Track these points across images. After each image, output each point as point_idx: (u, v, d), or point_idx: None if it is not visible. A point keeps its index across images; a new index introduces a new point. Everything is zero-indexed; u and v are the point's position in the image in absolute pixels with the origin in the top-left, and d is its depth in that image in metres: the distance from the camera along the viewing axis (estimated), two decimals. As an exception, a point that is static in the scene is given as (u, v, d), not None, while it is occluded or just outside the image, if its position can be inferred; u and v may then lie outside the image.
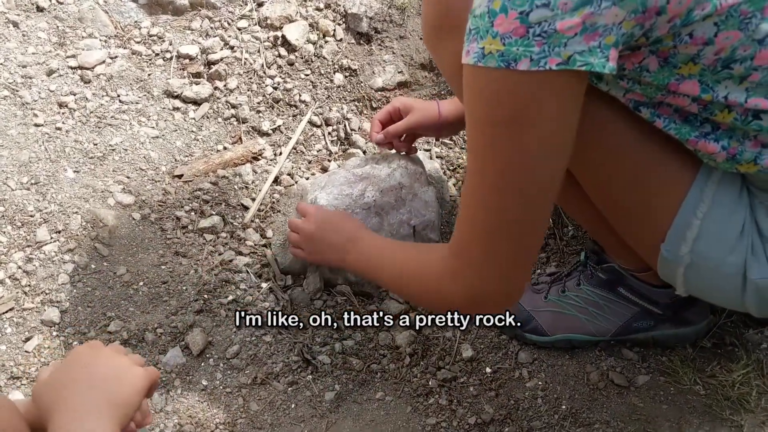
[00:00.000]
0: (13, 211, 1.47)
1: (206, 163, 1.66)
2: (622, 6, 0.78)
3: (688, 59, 0.87)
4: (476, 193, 0.93)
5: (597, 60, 0.79)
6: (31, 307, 1.35)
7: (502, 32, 0.80)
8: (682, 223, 1.02)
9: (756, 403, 1.24)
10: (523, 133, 0.85)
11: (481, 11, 0.82)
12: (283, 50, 1.85)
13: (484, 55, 0.82)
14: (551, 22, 0.78)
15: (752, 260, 1.02)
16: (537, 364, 1.34)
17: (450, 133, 1.53)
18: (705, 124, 0.96)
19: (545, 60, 0.79)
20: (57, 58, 1.75)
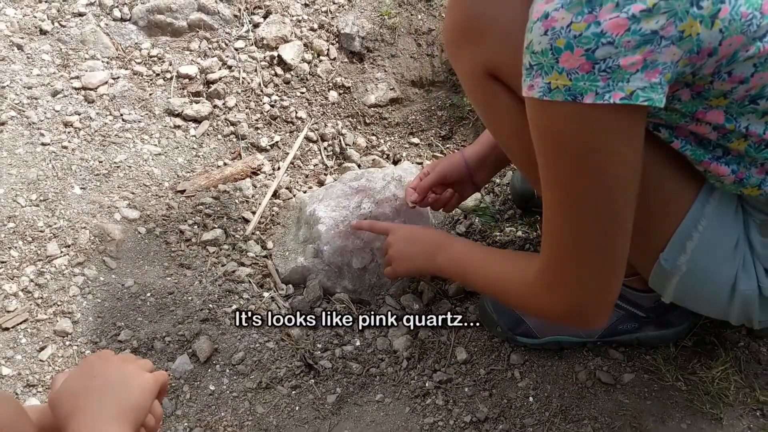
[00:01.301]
0: (24, 226, 1.52)
1: (207, 178, 1.72)
2: (679, 46, 0.84)
3: (720, 94, 0.93)
4: (560, 215, 0.98)
5: (657, 96, 0.85)
6: (44, 319, 1.40)
7: (569, 68, 0.85)
8: (684, 235, 1.09)
9: (734, 397, 1.32)
10: (593, 159, 0.91)
11: (543, 48, 0.86)
12: (279, 69, 1.92)
13: (551, 90, 0.87)
14: (615, 59, 0.83)
15: (742, 273, 1.10)
16: (528, 365, 1.41)
17: (485, 176, 1.51)
18: (717, 148, 1.03)
19: (610, 94, 0.85)
20: (61, 80, 1.82)
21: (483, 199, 1.74)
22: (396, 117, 1.92)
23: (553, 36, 0.85)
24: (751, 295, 1.13)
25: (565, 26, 0.84)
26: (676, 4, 0.81)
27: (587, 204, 0.94)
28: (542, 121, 0.92)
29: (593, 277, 1.01)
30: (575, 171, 0.92)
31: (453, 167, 1.49)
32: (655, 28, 0.82)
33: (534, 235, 1.65)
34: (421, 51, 1.95)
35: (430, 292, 1.55)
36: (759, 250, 1.12)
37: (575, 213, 0.96)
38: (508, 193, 1.75)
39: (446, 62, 1.93)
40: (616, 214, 0.95)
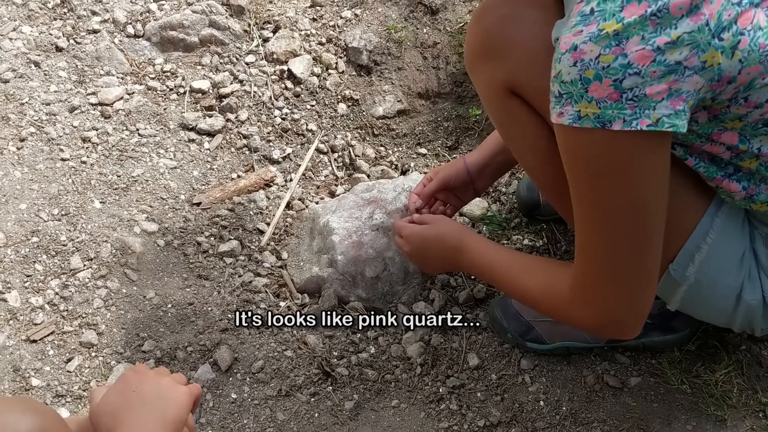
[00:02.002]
0: (47, 241, 1.57)
1: (222, 190, 1.77)
2: (702, 75, 0.89)
3: (735, 117, 0.99)
4: (592, 233, 1.03)
5: (680, 122, 0.91)
6: (70, 330, 1.45)
7: (598, 97, 0.90)
8: (693, 247, 1.15)
9: (737, 399, 1.37)
10: (623, 182, 0.96)
11: (572, 78, 0.91)
12: (290, 83, 1.97)
13: (580, 117, 0.93)
14: (642, 88, 0.88)
15: (748, 283, 1.16)
16: (538, 370, 1.46)
17: (485, 183, 1.57)
18: (729, 166, 1.08)
19: (637, 121, 0.90)
20: (78, 96, 1.87)
21: (489, 207, 1.79)
22: (403, 128, 1.97)
23: (582, 67, 0.90)
24: (755, 304, 1.18)
25: (593, 58, 0.89)
26: (699, 37, 0.86)
27: (619, 223, 0.99)
28: (572, 146, 0.98)
29: (628, 292, 1.06)
30: (606, 192, 0.98)
31: (456, 174, 1.54)
32: (679, 59, 0.87)
33: (540, 243, 1.70)
34: (427, 64, 2.01)
35: (441, 300, 1.60)
36: (764, 262, 1.17)
37: (608, 231, 1.01)
38: (514, 202, 1.80)
39: (451, 75, 1.98)
40: (647, 231, 1.00)
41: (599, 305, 1.08)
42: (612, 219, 0.99)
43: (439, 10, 2.02)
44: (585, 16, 0.90)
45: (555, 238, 1.71)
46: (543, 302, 1.19)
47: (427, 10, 2.03)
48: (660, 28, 0.86)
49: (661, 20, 0.86)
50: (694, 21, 0.86)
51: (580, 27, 0.90)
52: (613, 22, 0.87)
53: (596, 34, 0.88)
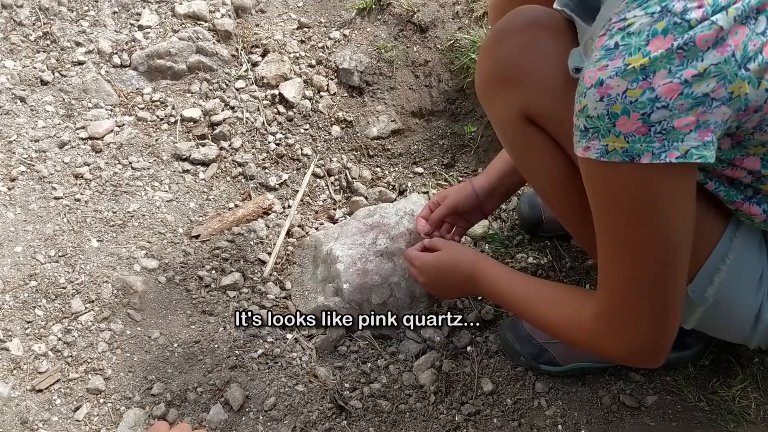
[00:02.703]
0: (46, 284, 1.54)
1: (220, 221, 1.74)
2: (729, 105, 0.89)
3: (759, 143, 0.99)
4: (618, 265, 1.02)
5: (709, 153, 0.90)
6: (76, 377, 1.42)
7: (626, 132, 0.89)
8: (711, 269, 1.14)
9: (756, 414, 1.37)
10: (650, 215, 0.95)
11: (599, 113, 0.90)
12: (282, 107, 1.95)
13: (608, 152, 0.92)
14: (670, 121, 0.88)
15: (767, 303, 1.15)
16: (553, 393, 1.46)
17: (493, 206, 1.56)
18: (748, 189, 1.08)
19: (665, 154, 0.89)
20: (67, 130, 1.83)
21: (491, 225, 1.78)
22: (399, 148, 1.96)
23: (609, 102, 0.89)
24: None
25: (620, 93, 0.88)
26: (726, 68, 0.86)
27: (646, 254, 0.99)
28: (600, 180, 0.97)
29: (653, 322, 1.05)
30: (633, 225, 0.97)
31: (464, 199, 1.53)
32: (706, 91, 0.87)
33: (545, 261, 1.70)
34: (419, 82, 1.99)
35: (449, 323, 1.59)
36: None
37: (634, 263, 1.00)
38: (515, 219, 1.79)
39: (444, 92, 1.97)
40: (674, 261, 1.00)
41: (626, 336, 1.07)
42: (639, 252, 0.99)
43: (428, 28, 2.01)
44: (610, 50, 0.89)
45: (559, 254, 1.70)
46: (566, 333, 1.18)
47: (416, 29, 2.02)
48: (687, 61, 0.85)
49: (687, 53, 0.85)
50: (720, 53, 0.85)
51: (605, 62, 0.89)
52: (639, 56, 0.87)
53: (623, 69, 0.88)
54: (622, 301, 1.05)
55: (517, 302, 1.27)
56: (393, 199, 1.85)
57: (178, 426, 1.00)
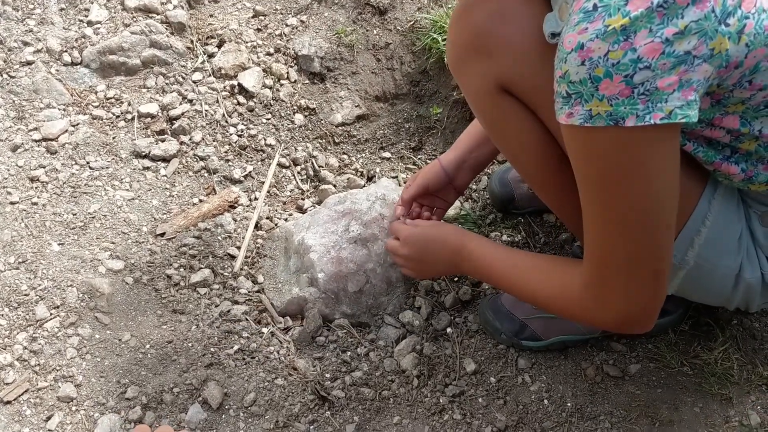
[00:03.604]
0: (8, 292, 1.47)
1: (185, 218, 1.69)
2: (711, 62, 0.87)
3: (738, 101, 0.97)
4: (606, 232, 1.00)
5: (692, 112, 0.89)
6: (45, 386, 1.36)
7: (609, 95, 0.87)
8: (692, 232, 1.13)
9: (739, 375, 1.37)
10: (636, 178, 0.93)
11: (581, 78, 0.89)
12: (242, 98, 1.90)
13: (592, 116, 0.90)
14: (653, 81, 0.86)
15: (747, 263, 1.15)
16: (537, 368, 1.44)
17: (464, 180, 1.52)
18: (726, 148, 1.07)
19: (650, 116, 0.87)
20: (19, 133, 1.76)
21: (463, 206, 1.76)
22: (364, 133, 1.92)
23: (591, 66, 0.87)
24: (755, 282, 1.18)
25: (602, 55, 0.86)
26: (706, 24, 0.85)
27: (634, 219, 0.97)
28: (584, 146, 0.95)
29: (642, 287, 1.03)
30: (620, 190, 0.95)
31: (433, 176, 1.50)
32: (688, 49, 0.85)
33: (518, 238, 1.68)
34: (381, 66, 1.96)
35: (427, 306, 1.56)
36: (761, 240, 1.17)
37: (622, 229, 0.98)
38: (486, 198, 1.77)
39: (407, 74, 1.94)
40: (662, 224, 0.98)
41: (613, 303, 1.06)
42: (627, 217, 0.97)
43: (387, 10, 1.98)
44: (588, 12, 0.87)
45: (533, 231, 1.69)
46: (557, 305, 1.16)
47: (375, 11, 1.98)
48: (667, 18, 0.84)
49: (667, 11, 0.84)
50: (700, 9, 0.84)
51: (585, 24, 0.87)
52: (619, 17, 0.85)
53: (603, 31, 0.86)
54: (610, 269, 1.03)
55: (504, 274, 1.25)
56: (362, 185, 1.82)
57: (159, 429, 0.96)
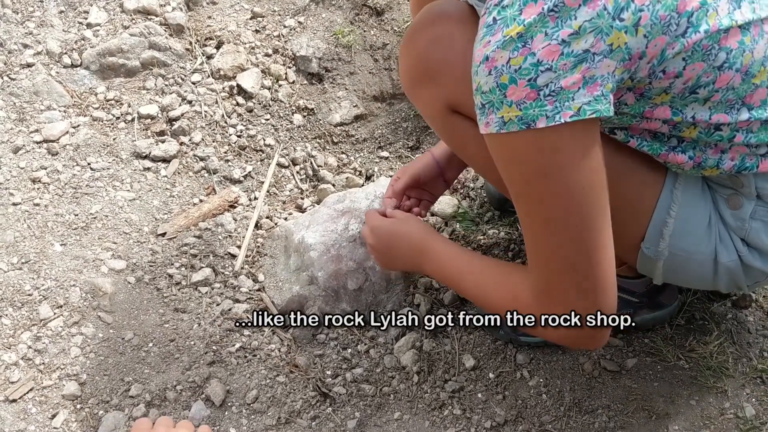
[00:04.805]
0: (11, 292, 1.49)
1: (186, 218, 1.71)
2: (611, 57, 0.90)
3: (661, 91, 1.00)
4: (540, 238, 1.02)
5: (603, 106, 0.92)
6: (50, 384, 1.38)
7: (516, 100, 0.91)
8: (659, 223, 1.16)
9: (734, 368, 1.40)
10: (558, 177, 0.95)
11: (490, 87, 0.92)
12: (241, 98, 1.92)
13: (505, 123, 0.93)
14: (556, 82, 0.89)
15: (721, 247, 1.17)
16: (535, 363, 1.46)
17: (454, 172, 1.55)
18: (671, 138, 1.10)
19: (559, 115, 0.90)
20: (20, 135, 1.77)
21: (460, 204, 1.78)
22: (363, 133, 1.94)
23: (497, 74, 0.91)
24: (733, 265, 1.19)
25: (504, 63, 0.90)
26: (600, 22, 0.88)
27: (564, 220, 0.98)
28: (503, 153, 0.98)
29: (583, 297, 1.03)
30: (545, 193, 0.97)
31: (424, 167, 1.52)
32: (585, 47, 0.89)
33: (516, 235, 1.70)
34: (379, 66, 1.98)
35: (426, 303, 1.58)
36: (731, 223, 1.18)
37: (554, 232, 1.00)
38: (484, 197, 1.79)
39: (405, 74, 1.96)
40: (594, 223, 0.99)
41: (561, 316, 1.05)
42: (556, 218, 0.98)
43: (384, 11, 2.00)
44: (489, 26, 0.92)
45: (530, 228, 1.70)
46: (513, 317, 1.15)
47: (372, 12, 2.00)
48: (560, 21, 0.88)
49: (559, 14, 0.87)
50: (591, 8, 0.88)
51: (488, 38, 0.92)
52: (515, 26, 0.89)
53: (502, 41, 0.90)
54: (550, 277, 1.03)
55: (463, 286, 1.26)
56: (360, 184, 1.84)
57: (159, 420, 0.98)
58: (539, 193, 0.98)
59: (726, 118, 1.04)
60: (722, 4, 0.97)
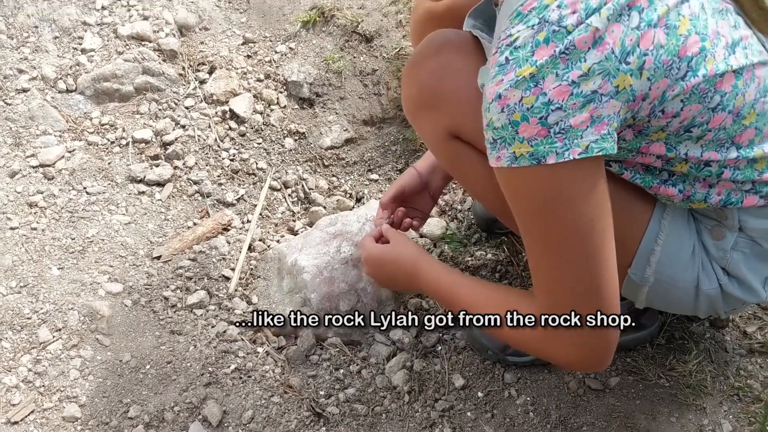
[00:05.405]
0: (11, 316, 1.52)
1: (181, 241, 1.75)
2: (617, 98, 0.95)
3: (658, 129, 1.06)
4: (548, 267, 1.06)
5: (609, 144, 0.97)
6: (50, 407, 1.41)
7: (528, 137, 0.96)
8: (646, 251, 1.21)
9: (712, 386, 1.45)
10: (567, 211, 1.00)
11: (502, 124, 0.97)
12: (233, 123, 1.97)
13: (516, 158, 0.98)
14: (566, 120, 0.94)
15: (703, 275, 1.23)
16: (522, 382, 1.51)
17: (438, 184, 1.58)
18: (663, 172, 1.16)
19: (568, 152, 0.95)
20: (17, 159, 1.81)
21: (449, 226, 1.84)
22: (353, 156, 1.99)
23: (509, 112, 0.96)
24: (714, 293, 1.26)
25: (517, 101, 0.95)
26: (608, 65, 0.93)
27: (569, 251, 1.03)
28: (514, 186, 1.03)
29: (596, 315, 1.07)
30: (553, 225, 1.02)
31: (409, 179, 1.57)
32: (594, 88, 0.94)
33: (502, 256, 1.76)
34: (368, 91, 2.03)
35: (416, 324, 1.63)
36: (713, 253, 1.25)
37: (562, 262, 1.04)
38: (471, 219, 1.85)
39: (393, 99, 2.02)
40: (599, 254, 1.03)
41: (568, 342, 1.10)
42: (564, 249, 1.03)
43: (373, 38, 2.05)
44: (502, 66, 0.96)
45: (516, 249, 1.76)
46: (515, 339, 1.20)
47: (361, 39, 2.06)
48: (570, 63, 0.93)
49: (570, 56, 0.92)
50: (600, 51, 0.93)
51: (500, 77, 0.96)
52: (527, 67, 0.94)
53: (515, 80, 0.94)
54: (555, 303, 1.08)
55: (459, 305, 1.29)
56: (351, 207, 1.89)
57: None
58: (547, 225, 1.03)
59: (716, 155, 1.10)
60: (719, 50, 1.02)
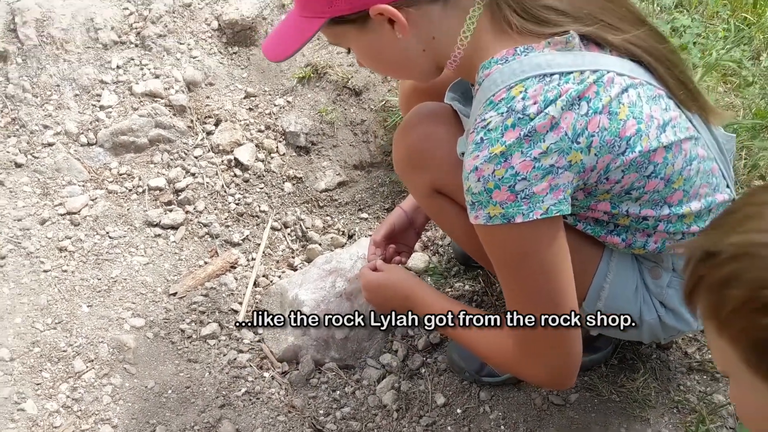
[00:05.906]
0: (49, 349, 1.74)
1: (193, 278, 1.98)
2: (570, 170, 1.19)
3: (604, 191, 1.30)
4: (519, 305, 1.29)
5: (564, 207, 1.21)
6: (87, 428, 1.63)
7: (500, 201, 1.19)
8: (597, 287, 1.45)
9: (656, 400, 1.69)
10: (533, 259, 1.24)
11: (479, 190, 1.19)
12: (238, 170, 2.20)
13: (491, 217, 1.21)
14: (530, 188, 1.17)
15: (645, 307, 1.47)
16: (495, 399, 1.74)
17: (421, 221, 1.79)
18: (609, 224, 1.40)
19: (532, 213, 1.19)
20: (46, 208, 2.03)
21: (431, 259, 2.07)
22: (345, 197, 2.23)
23: (484, 181, 1.19)
24: (654, 323, 1.49)
25: (490, 173, 1.18)
26: (562, 144, 1.17)
27: (539, 292, 1.28)
28: (489, 239, 1.27)
29: (561, 347, 1.32)
30: (522, 270, 1.26)
31: (397, 218, 1.80)
32: (552, 163, 1.17)
33: (478, 288, 1.99)
34: (358, 139, 2.27)
35: (403, 349, 1.86)
36: (653, 289, 1.49)
37: (531, 301, 1.29)
38: (451, 253, 2.08)
39: (380, 146, 2.26)
40: (561, 293, 1.28)
41: (539, 365, 1.34)
42: (532, 291, 1.27)
43: (362, 92, 2.29)
44: (478, 144, 1.19)
45: (490, 281, 1.99)
46: (494, 359, 1.45)
47: (351, 93, 2.30)
48: (533, 143, 1.16)
49: (532, 138, 1.16)
50: (556, 134, 1.16)
51: (477, 152, 1.19)
52: (498, 146, 1.17)
53: (488, 156, 1.18)
54: (528, 336, 1.32)
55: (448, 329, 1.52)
56: (343, 243, 2.12)
57: None
58: (518, 270, 1.27)
59: (652, 212, 1.34)
60: (652, 130, 1.26)
